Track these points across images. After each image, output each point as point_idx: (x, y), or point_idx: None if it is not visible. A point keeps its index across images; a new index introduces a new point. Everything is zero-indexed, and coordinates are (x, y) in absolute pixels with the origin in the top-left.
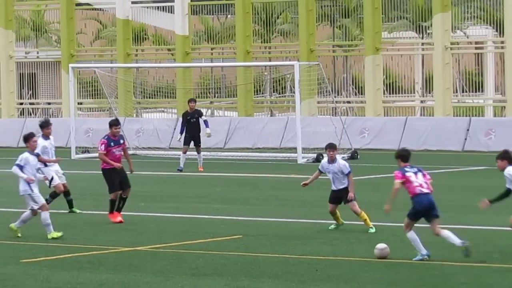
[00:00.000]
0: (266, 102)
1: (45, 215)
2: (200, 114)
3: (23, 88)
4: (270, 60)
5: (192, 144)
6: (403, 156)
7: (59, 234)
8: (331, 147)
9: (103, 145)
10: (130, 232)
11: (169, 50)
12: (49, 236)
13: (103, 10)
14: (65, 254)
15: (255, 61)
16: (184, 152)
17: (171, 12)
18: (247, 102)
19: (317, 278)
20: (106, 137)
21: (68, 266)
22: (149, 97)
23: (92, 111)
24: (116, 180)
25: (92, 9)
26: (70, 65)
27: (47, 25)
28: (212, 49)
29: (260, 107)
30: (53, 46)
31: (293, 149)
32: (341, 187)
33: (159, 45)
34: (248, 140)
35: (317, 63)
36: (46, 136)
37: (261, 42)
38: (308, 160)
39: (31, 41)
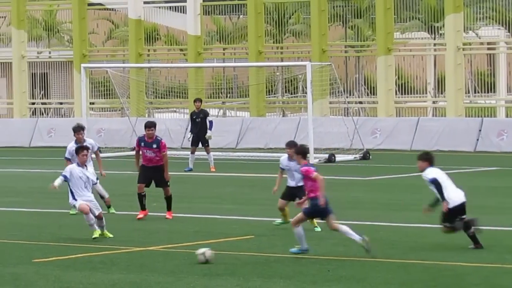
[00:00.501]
0: (278, 102)
1: (87, 218)
2: (205, 114)
3: (35, 88)
4: (282, 61)
5: (200, 144)
6: (305, 153)
7: (97, 235)
8: (289, 144)
9: (135, 142)
10: (142, 232)
11: (181, 50)
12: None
13: (115, 10)
14: (77, 254)
15: (267, 61)
16: (192, 152)
17: (183, 12)
18: (259, 102)
19: (329, 278)
20: (142, 135)
21: (80, 266)
22: (161, 97)
23: (104, 111)
24: (143, 175)
25: (104, 9)
26: (82, 65)
27: (59, 25)
28: (224, 49)
29: (272, 108)
30: (65, 46)
31: None
32: (300, 184)
33: (171, 45)
34: (260, 140)
35: (329, 63)
36: (78, 142)
37: (273, 43)
38: (320, 160)
39: (43, 41)
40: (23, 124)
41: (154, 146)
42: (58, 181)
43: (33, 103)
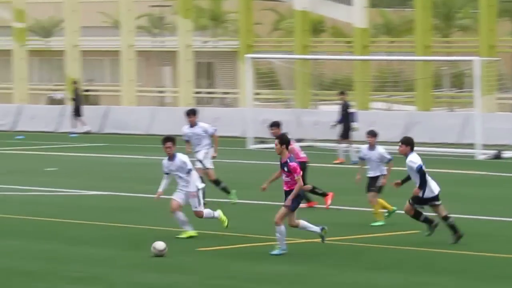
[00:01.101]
0: (444, 97)
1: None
2: (347, 106)
3: (200, 77)
4: (449, 55)
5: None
6: (289, 142)
7: (185, 235)
8: (370, 133)
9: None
10: None
11: (347, 42)
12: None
13: (281, 1)
14: (242, 244)
15: (434, 56)
16: (346, 143)
17: (349, 5)
18: (425, 96)
19: (495, 276)
20: None
21: (244, 256)
22: (326, 90)
23: (269, 102)
24: None
25: (270, 0)
26: (247, 55)
27: (225, 15)
28: (390, 42)
29: (438, 102)
30: (230, 36)
31: (472, 145)
32: (378, 174)
33: (337, 37)
34: (426, 135)
35: (498, 59)
36: (190, 125)
37: (441, 37)
38: (487, 156)
39: (208, 30)
40: None
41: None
42: (162, 186)
43: (198, 92)
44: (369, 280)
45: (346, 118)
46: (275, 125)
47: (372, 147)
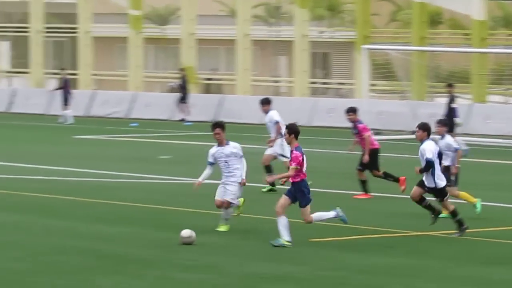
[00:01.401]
0: None
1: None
2: (451, 100)
3: (315, 68)
4: None
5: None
6: (298, 132)
7: (223, 228)
8: (440, 122)
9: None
10: (420, 216)
11: (465, 34)
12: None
13: None
14: (354, 236)
15: None
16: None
17: None
18: None
19: None
20: None
21: (357, 248)
22: (443, 82)
23: (385, 93)
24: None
25: None
26: (363, 46)
27: (342, 6)
28: (509, 35)
29: None
30: (346, 27)
31: None
32: (451, 164)
33: (454, 29)
34: None
35: None
36: (266, 113)
37: None
38: None
39: (325, 20)
40: (303, 103)
41: (354, 130)
42: (203, 175)
43: (314, 83)
44: (483, 274)
45: (451, 112)
46: (352, 110)
47: (441, 136)
